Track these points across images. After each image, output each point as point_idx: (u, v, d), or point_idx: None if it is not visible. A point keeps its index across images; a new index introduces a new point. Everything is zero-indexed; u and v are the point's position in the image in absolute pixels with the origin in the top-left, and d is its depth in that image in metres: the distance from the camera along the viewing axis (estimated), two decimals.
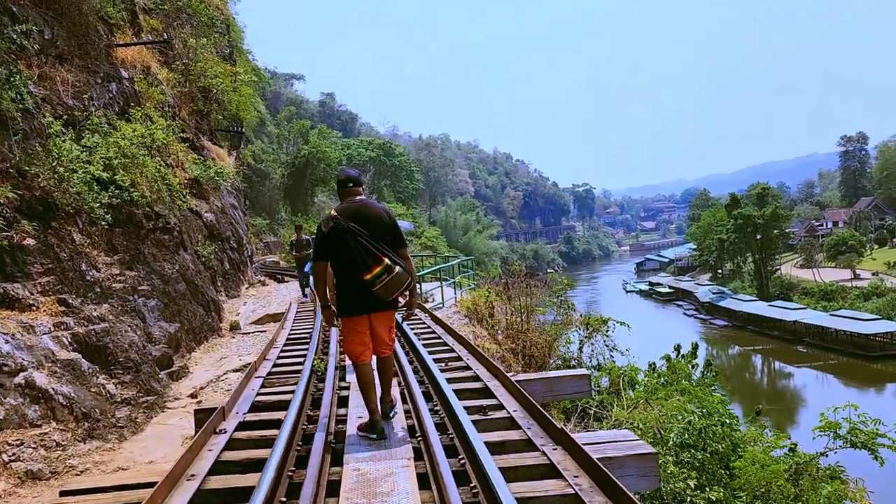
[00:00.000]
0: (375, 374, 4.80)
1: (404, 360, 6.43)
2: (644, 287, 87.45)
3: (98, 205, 8.34)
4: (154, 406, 7.40)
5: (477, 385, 5.73)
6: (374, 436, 4.50)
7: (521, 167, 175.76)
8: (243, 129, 28.41)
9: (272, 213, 50.17)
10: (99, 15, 13.31)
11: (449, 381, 5.61)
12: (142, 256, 10.04)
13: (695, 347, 13.64)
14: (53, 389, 6.11)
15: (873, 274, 57.44)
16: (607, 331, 12.39)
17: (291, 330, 10.23)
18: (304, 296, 15.03)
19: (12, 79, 8.46)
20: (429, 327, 9.53)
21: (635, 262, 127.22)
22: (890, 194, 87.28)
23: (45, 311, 7.11)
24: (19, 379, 5.92)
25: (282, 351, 8.22)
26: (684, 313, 66.21)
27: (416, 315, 10.97)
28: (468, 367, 6.43)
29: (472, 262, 16.47)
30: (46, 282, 7.42)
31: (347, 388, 5.86)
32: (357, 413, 4.92)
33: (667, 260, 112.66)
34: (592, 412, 9.86)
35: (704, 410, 8.85)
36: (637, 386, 11.33)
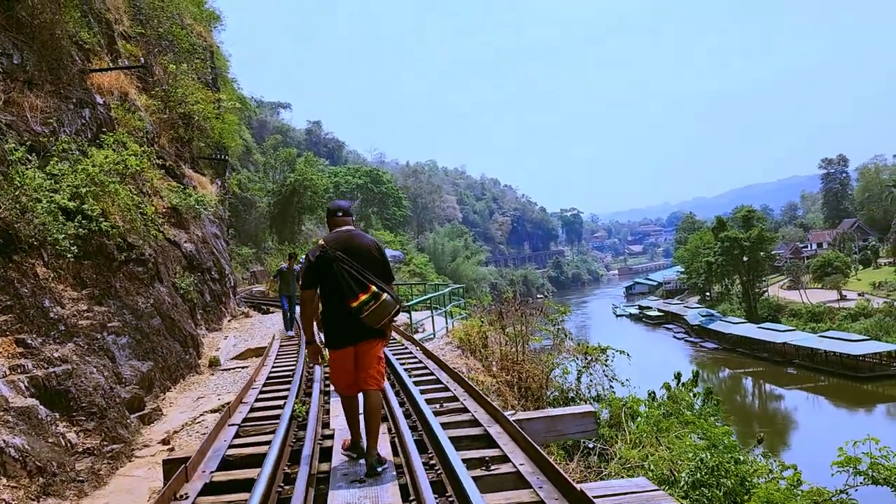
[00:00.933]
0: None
1: (394, 402, 5.86)
2: (634, 311, 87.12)
3: (63, 236, 7.76)
4: (120, 455, 6.75)
5: (476, 431, 5.16)
6: (356, 455, 4.63)
7: (508, 192, 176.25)
8: (227, 157, 27.92)
9: (258, 242, 49.56)
10: (73, 40, 12.85)
11: (445, 426, 5.04)
12: (113, 290, 9.44)
13: (696, 375, 13.14)
14: (4, 441, 5.47)
15: (859, 294, 57.48)
16: (606, 360, 11.88)
17: (273, 367, 9.62)
18: (289, 330, 13.95)
19: None
20: (420, 362, 8.96)
21: (624, 286, 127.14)
22: (872, 215, 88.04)
23: (0, 353, 6.50)
24: None
25: (261, 392, 7.61)
26: (674, 336, 65.83)
27: (406, 349, 10.42)
28: (465, 409, 5.87)
29: (462, 290, 15.94)
30: (3, 321, 6.81)
31: (331, 436, 5.28)
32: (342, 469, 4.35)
33: (655, 283, 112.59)
34: (596, 448, 9.29)
35: (713, 445, 8.34)
36: (638, 417, 10.80)
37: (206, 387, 10.14)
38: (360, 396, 4.66)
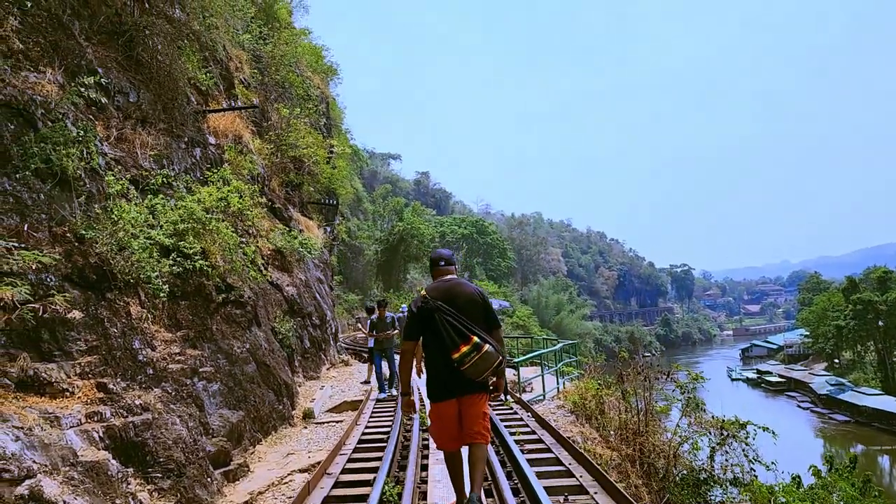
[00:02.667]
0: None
1: (505, 485, 4.78)
2: (751, 375, 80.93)
3: (156, 274, 7.32)
4: None
5: None
6: None
7: (615, 246, 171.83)
8: (336, 202, 28.15)
9: (365, 289, 50.11)
10: (191, 82, 13.02)
11: None
12: (208, 333, 8.99)
13: (852, 460, 11.15)
14: (64, 502, 4.85)
15: None
16: (747, 437, 10.23)
17: (367, 426, 8.77)
18: (383, 391, 11.97)
19: (83, 136, 7.79)
20: (532, 431, 7.83)
21: (740, 348, 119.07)
22: None
23: (79, 397, 6.00)
24: (22, 489, 4.70)
25: (350, 459, 6.73)
26: (798, 406, 60.14)
27: (515, 413, 9.32)
28: None
29: (576, 346, 14.64)
30: (88, 362, 6.35)
31: None
32: None
33: (775, 346, 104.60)
34: None
35: None
36: None
37: (297, 441, 9.42)
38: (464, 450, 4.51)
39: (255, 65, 19.51)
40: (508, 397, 10.29)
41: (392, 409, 10.24)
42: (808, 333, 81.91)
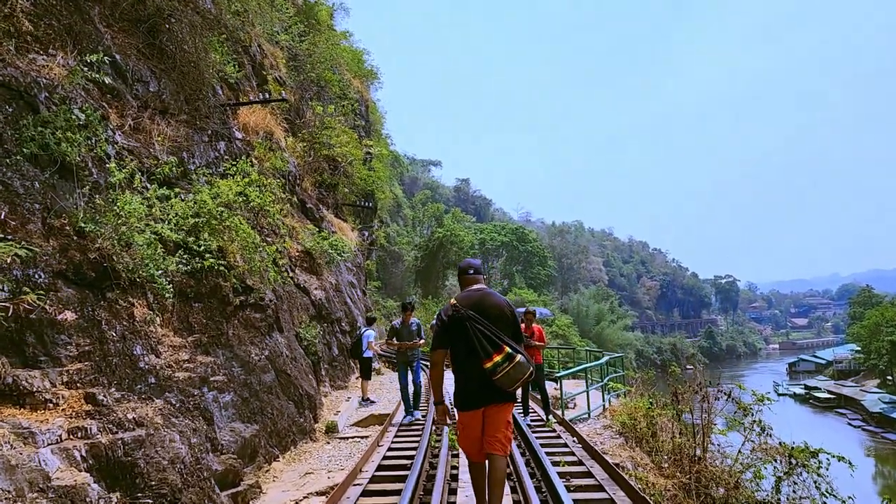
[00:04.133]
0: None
1: None
2: (799, 390, 77.83)
3: (160, 272, 6.63)
4: None
5: None
6: None
7: (657, 256, 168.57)
8: (372, 205, 27.52)
9: (403, 294, 49.71)
10: (220, 75, 12.48)
11: None
12: (224, 338, 8.29)
13: None
14: None
15: None
16: (818, 466, 9.10)
17: (390, 448, 7.92)
18: (409, 414, 10.28)
19: (88, 122, 7.16)
20: (579, 461, 6.88)
21: (787, 362, 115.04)
22: None
23: (63, 409, 5.30)
24: None
25: (364, 492, 5.86)
26: (849, 423, 57.29)
27: (558, 436, 8.38)
28: None
29: (621, 360, 13.58)
30: (77, 369, 5.66)
31: None
32: None
33: (823, 361, 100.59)
34: None
35: None
36: None
37: (317, 459, 8.64)
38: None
39: (291, 63, 19.01)
40: (550, 417, 9.34)
41: (420, 426, 9.39)
42: (859, 349, 78.54)
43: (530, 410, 10.03)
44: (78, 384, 5.58)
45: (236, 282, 8.69)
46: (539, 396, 9.95)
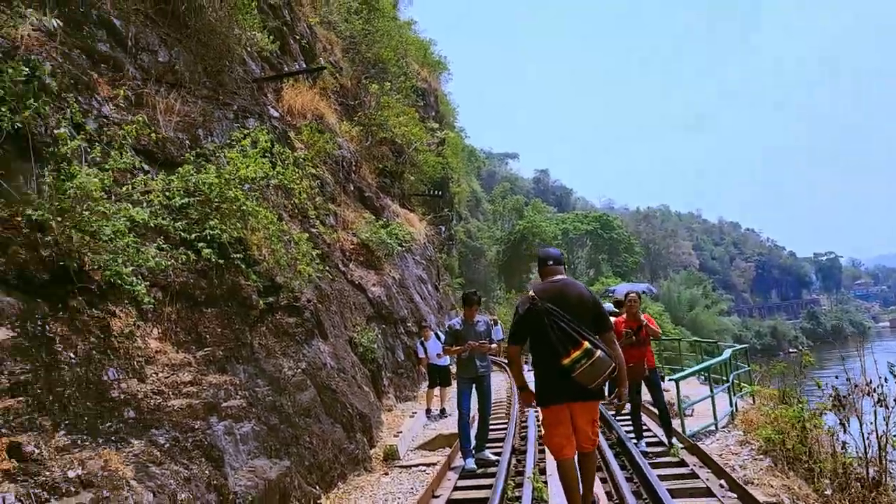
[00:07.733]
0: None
1: None
2: None
3: (129, 269, 4.98)
4: None
5: None
6: None
7: (750, 236, 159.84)
8: (444, 194, 25.77)
9: (487, 290, 48.29)
10: (254, 48, 11.00)
11: None
12: (245, 350, 6.62)
13: None
14: None
15: None
16: None
17: (458, 483, 6.00)
18: (469, 455, 7.11)
19: (62, 89, 5.68)
20: None
21: None
22: None
23: None
24: None
25: None
26: None
27: (688, 468, 6.24)
28: None
29: (746, 351, 11.14)
30: (5, 408, 4.05)
31: None
32: None
33: None
34: None
35: None
36: None
37: (371, 497, 6.84)
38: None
39: (349, 49, 17.48)
40: (674, 441, 7.16)
41: (498, 449, 7.43)
42: None
43: (643, 428, 7.81)
44: (2, 430, 3.96)
45: (261, 280, 7.02)
46: (656, 410, 7.58)
